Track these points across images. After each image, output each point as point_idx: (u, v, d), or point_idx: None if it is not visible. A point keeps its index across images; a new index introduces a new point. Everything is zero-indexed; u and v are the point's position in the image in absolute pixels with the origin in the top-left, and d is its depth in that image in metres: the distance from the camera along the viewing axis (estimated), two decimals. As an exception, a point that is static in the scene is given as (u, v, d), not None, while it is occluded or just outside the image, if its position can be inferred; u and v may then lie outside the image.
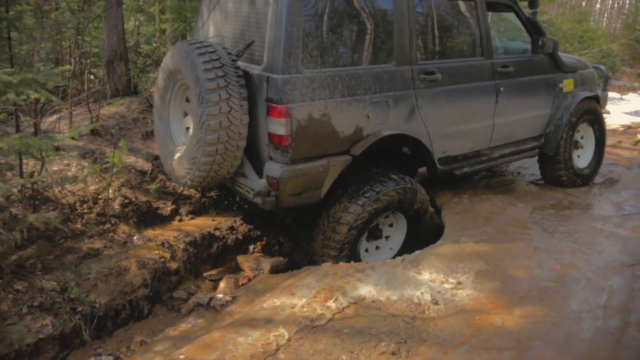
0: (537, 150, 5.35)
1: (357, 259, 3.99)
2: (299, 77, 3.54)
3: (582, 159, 5.84)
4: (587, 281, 3.44)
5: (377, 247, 4.28)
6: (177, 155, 4.10)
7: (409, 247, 4.24)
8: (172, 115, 4.24)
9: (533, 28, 5.12)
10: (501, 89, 4.74)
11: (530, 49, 5.17)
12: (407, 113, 4.08)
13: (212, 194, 5.24)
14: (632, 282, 3.42)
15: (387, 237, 4.30)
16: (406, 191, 4.05)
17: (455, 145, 4.58)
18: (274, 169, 3.63)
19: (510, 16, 5.23)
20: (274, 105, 3.53)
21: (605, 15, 36.35)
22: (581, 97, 5.47)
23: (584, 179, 5.73)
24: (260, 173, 3.78)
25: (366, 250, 4.19)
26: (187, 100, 4.15)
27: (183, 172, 3.98)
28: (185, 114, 4.23)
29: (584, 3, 33.68)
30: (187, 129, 4.22)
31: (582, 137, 5.87)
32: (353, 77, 3.77)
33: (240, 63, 3.79)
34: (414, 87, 4.10)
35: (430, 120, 4.22)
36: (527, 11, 5.24)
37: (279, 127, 3.54)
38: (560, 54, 5.49)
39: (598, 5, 37.00)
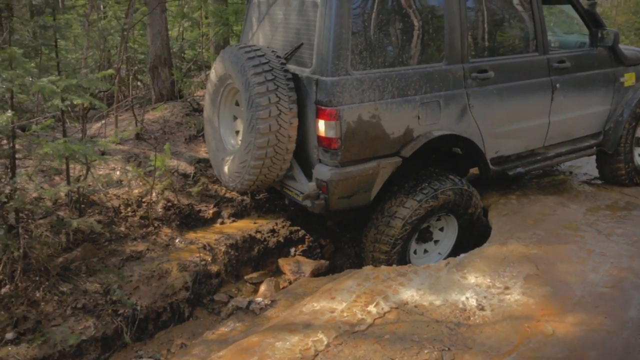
0: (595, 148, 5.10)
1: (406, 259, 3.92)
2: (348, 79, 3.51)
3: None
4: (647, 287, 3.22)
5: (426, 251, 4.18)
6: (227, 159, 4.13)
7: (457, 254, 4.06)
8: (222, 119, 4.28)
9: (591, 20, 4.88)
10: (557, 85, 4.55)
11: (589, 42, 4.93)
12: (458, 113, 3.98)
13: (260, 196, 5.24)
14: (698, 288, 3.18)
15: (436, 242, 4.20)
16: (463, 193, 3.96)
17: (508, 145, 4.44)
18: (323, 171, 3.60)
19: (567, 8, 5.02)
20: (323, 107, 3.51)
21: (665, 5, 34.61)
22: None
23: None
24: (309, 176, 3.76)
25: (414, 252, 4.10)
26: (237, 104, 4.18)
27: (233, 175, 4.01)
28: (235, 118, 4.26)
29: (641, -7, 32.20)
30: (237, 132, 4.26)
31: None
32: (403, 77, 3.71)
33: (289, 66, 3.79)
34: (465, 86, 4.00)
35: (482, 120, 4.11)
36: (585, 2, 4.99)
37: (328, 129, 3.51)
38: (622, 46, 5.20)
39: (656, -5, 35.31)
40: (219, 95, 4.21)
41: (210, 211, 4.98)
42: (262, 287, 4.10)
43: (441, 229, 4.18)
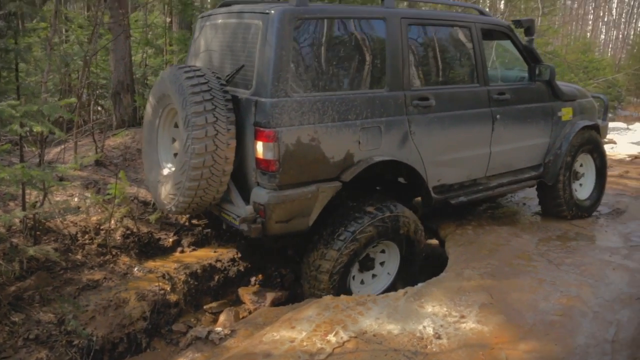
0: (536, 179, 5.24)
1: (348, 293, 3.85)
2: (287, 101, 3.49)
3: (582, 189, 5.70)
4: (594, 314, 3.36)
5: (374, 275, 4.16)
6: (163, 181, 4.03)
7: (406, 269, 4.17)
8: (161, 141, 4.16)
9: (530, 56, 5.06)
10: (497, 116, 4.66)
11: (528, 76, 5.12)
12: (400, 139, 4.01)
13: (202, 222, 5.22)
14: (641, 315, 3.34)
15: (382, 263, 4.18)
16: (385, 221, 3.90)
17: (450, 174, 4.47)
18: (261, 194, 3.53)
19: (507, 44, 5.18)
20: (261, 129, 3.47)
21: (610, 46, 36.61)
22: (580, 126, 5.38)
23: (585, 210, 5.58)
24: (247, 199, 3.69)
25: (362, 282, 4.09)
26: (176, 126, 4.06)
27: (168, 197, 3.89)
28: (174, 140, 4.16)
29: (588, 34, 34.00)
30: (175, 155, 4.12)
31: (582, 167, 5.76)
32: (344, 101, 3.71)
33: (232, 88, 3.77)
34: (407, 113, 4.03)
35: (424, 147, 4.14)
36: (523, 39, 5.18)
37: (266, 151, 3.47)
38: (559, 83, 5.45)
39: (603, 36, 37.33)
40: (157, 117, 4.12)
41: (170, 239, 4.94)
42: (222, 317, 4.06)
43: (383, 251, 4.16)
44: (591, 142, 5.56)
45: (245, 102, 3.63)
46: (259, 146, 3.50)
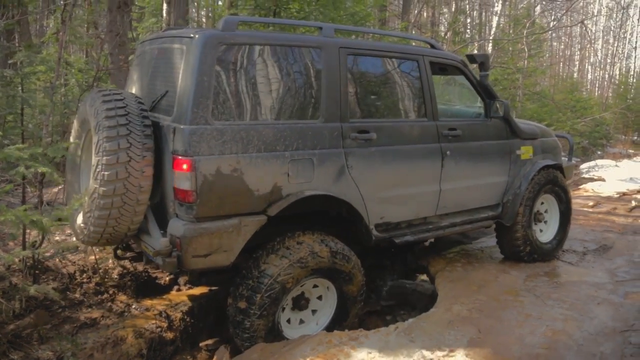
0: (493, 220, 5.04)
1: (278, 329, 3.73)
2: (207, 129, 3.31)
3: (545, 232, 5.51)
4: (579, 347, 3.47)
5: (302, 321, 3.95)
6: (79, 209, 3.78)
7: (343, 317, 3.95)
8: (83, 168, 4.00)
9: (484, 91, 4.91)
10: (447, 152, 4.45)
11: (483, 113, 4.96)
12: (335, 173, 3.80)
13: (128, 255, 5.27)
14: (624, 347, 3.45)
15: (313, 311, 3.96)
16: (335, 255, 3.75)
17: (395, 211, 4.25)
18: (177, 226, 3.33)
19: (462, 79, 5.03)
20: (178, 157, 3.29)
21: (597, 85, 37.48)
22: (541, 165, 5.21)
23: (545, 254, 5.38)
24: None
25: (288, 321, 3.88)
26: None
27: (80, 227, 3.70)
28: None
29: (575, 74, 34.87)
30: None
31: (545, 210, 5.56)
32: (271, 131, 3.53)
33: (155, 114, 3.64)
34: (343, 146, 3.84)
35: (363, 182, 3.93)
36: (477, 74, 5.02)
37: (183, 181, 3.28)
38: (519, 121, 5.39)
39: (590, 76, 38.25)
40: (80, 142, 3.97)
41: (167, 278, 5.03)
42: (217, 355, 4.13)
43: (319, 298, 3.96)
44: (554, 182, 5.38)
45: (165, 129, 3.46)
46: (177, 176, 3.32)
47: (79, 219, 3.76)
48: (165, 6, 8.12)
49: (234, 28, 3.53)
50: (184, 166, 3.25)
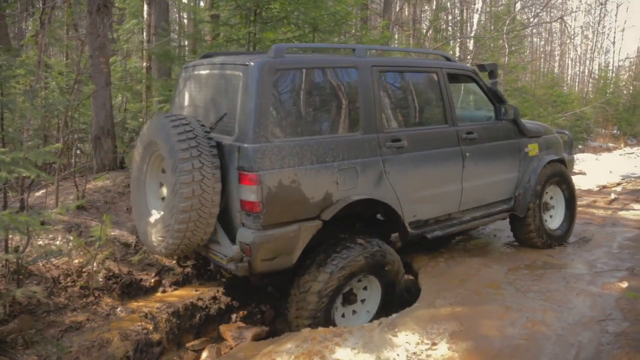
0: (507, 212, 5.50)
1: (333, 325, 3.98)
2: (268, 146, 3.69)
3: (553, 220, 6.00)
4: (557, 337, 3.55)
5: (354, 312, 4.29)
6: (152, 224, 4.16)
7: (387, 309, 4.29)
8: (149, 186, 4.33)
9: (494, 97, 5.40)
10: (467, 154, 4.91)
11: (494, 116, 5.43)
12: (375, 179, 4.22)
13: (189, 263, 5.34)
14: (601, 336, 3.54)
15: (362, 301, 4.32)
16: (374, 255, 4.11)
17: (425, 209, 4.69)
18: (246, 234, 3.70)
19: (473, 86, 5.52)
20: (245, 173, 3.66)
21: (577, 80, 37.98)
22: (547, 160, 5.70)
23: (557, 239, 5.86)
24: (233, 239, 3.85)
25: (342, 316, 4.20)
26: (163, 171, 4.25)
27: (157, 240, 4.05)
28: (161, 185, 4.32)
29: (556, 69, 35.29)
30: (163, 199, 4.28)
31: (551, 199, 6.06)
32: (321, 145, 3.93)
33: (215, 135, 3.96)
34: (381, 154, 4.26)
35: (398, 185, 4.35)
36: (488, 81, 5.54)
37: (250, 194, 3.65)
38: (525, 121, 5.80)
39: (570, 71, 38.74)
40: (145, 163, 4.29)
41: (152, 280, 5.04)
42: (204, 354, 4.16)
43: (365, 288, 4.31)
44: (559, 174, 5.89)
45: (228, 148, 3.82)
46: (243, 189, 3.69)
47: (154, 232, 4.11)
48: (145, 7, 8.11)
49: (283, 55, 3.92)
50: (251, 180, 3.63)
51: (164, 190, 4.25)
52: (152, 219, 4.20)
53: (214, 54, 4.65)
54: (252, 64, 3.79)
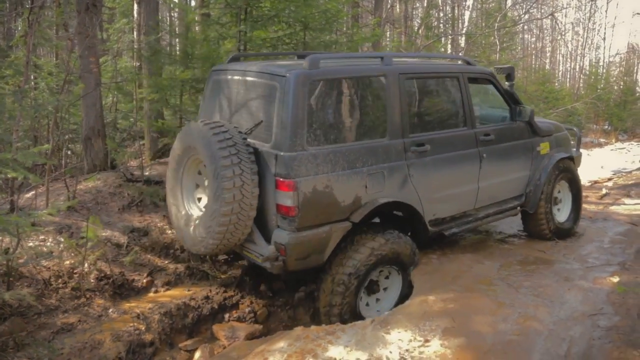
0: (519, 208, 5.71)
1: (358, 313, 4.17)
2: (304, 154, 3.87)
3: (561, 213, 6.21)
4: (549, 332, 3.57)
5: (378, 300, 4.46)
6: (190, 224, 4.38)
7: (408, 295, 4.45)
8: (185, 187, 4.54)
9: (511, 98, 5.57)
10: (484, 155, 5.08)
11: (509, 117, 5.60)
12: (400, 182, 4.40)
13: (193, 264, 5.32)
14: (592, 331, 3.56)
15: (385, 289, 4.49)
16: (395, 245, 4.30)
17: (444, 208, 4.88)
18: (282, 236, 3.90)
19: (490, 87, 5.66)
20: (282, 179, 3.85)
21: (568, 76, 38.13)
22: (557, 159, 5.89)
23: (565, 231, 6.09)
24: (268, 240, 4.05)
25: (367, 305, 4.37)
26: (199, 173, 4.49)
27: (197, 240, 4.25)
28: (197, 186, 4.54)
29: (547, 66, 35.42)
30: (199, 199, 4.53)
31: (559, 193, 6.24)
32: (352, 151, 4.11)
33: (250, 140, 4.13)
34: (406, 158, 4.44)
35: (421, 187, 4.53)
36: (504, 83, 5.72)
37: (286, 199, 3.84)
38: (537, 119, 5.93)
39: (561, 67, 38.89)
40: (182, 166, 4.49)
41: (144, 280, 5.02)
42: (197, 354, 4.15)
43: (387, 277, 4.50)
44: (567, 171, 6.10)
45: (265, 155, 4.00)
46: (280, 194, 3.89)
47: (192, 232, 4.32)
48: (135, 7, 8.06)
49: (318, 65, 4.05)
50: (288, 187, 3.82)
51: (200, 191, 4.51)
52: (189, 219, 4.42)
53: (240, 56, 4.90)
54: (288, 75, 3.94)
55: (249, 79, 4.42)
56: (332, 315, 4.08)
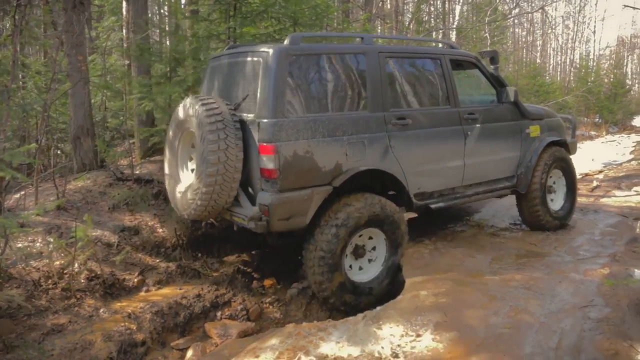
0: (510, 189, 5.85)
1: (345, 276, 4.44)
2: (284, 121, 4.17)
3: (555, 202, 6.30)
4: (540, 325, 3.57)
5: (370, 260, 4.71)
6: (183, 191, 4.69)
7: (395, 254, 4.73)
8: (180, 160, 4.90)
9: (496, 81, 5.77)
10: (469, 133, 5.30)
11: (496, 99, 5.78)
12: (381, 152, 4.64)
13: (185, 262, 5.29)
14: (583, 323, 3.56)
15: (374, 248, 4.73)
16: (373, 207, 4.50)
17: (429, 183, 5.07)
18: (265, 197, 4.18)
19: (476, 72, 5.86)
20: (264, 144, 4.15)
21: (559, 69, 38.26)
22: (548, 141, 6.03)
23: (560, 219, 6.18)
24: (254, 203, 4.31)
25: (360, 268, 4.64)
26: (193, 146, 4.73)
27: (187, 202, 4.56)
28: (191, 159, 4.83)
29: (538, 59, 35.51)
30: (192, 170, 4.77)
31: (554, 183, 6.35)
32: (332, 121, 4.39)
33: (239, 113, 4.44)
34: (387, 130, 4.69)
35: (403, 159, 4.76)
36: (489, 67, 5.87)
37: (269, 162, 4.14)
38: (527, 105, 6.12)
39: (552, 61, 39.01)
40: (177, 139, 4.84)
41: (135, 279, 4.99)
42: (189, 353, 4.12)
43: (373, 249, 4.72)
44: (561, 159, 6.21)
45: (250, 124, 4.33)
46: (263, 159, 4.18)
47: (184, 198, 4.65)
48: (124, 4, 7.99)
49: (299, 42, 4.41)
50: (269, 150, 4.12)
51: (193, 164, 4.73)
52: (183, 187, 4.74)
53: (238, 46, 5.17)
54: (270, 50, 4.28)
55: (239, 59, 4.74)
56: (318, 278, 4.32)
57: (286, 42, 4.38)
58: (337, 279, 4.34)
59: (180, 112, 4.69)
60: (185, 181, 4.78)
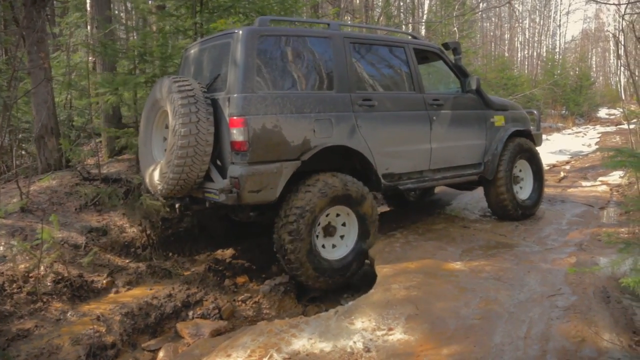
0: (477, 175, 6.12)
1: (316, 250, 4.67)
2: (253, 96, 4.41)
3: (522, 191, 6.54)
4: (510, 315, 3.62)
5: (342, 236, 4.99)
6: (156, 168, 4.83)
7: (364, 232, 4.99)
8: (154, 139, 5.07)
9: (459, 71, 6.10)
10: (434, 117, 5.58)
11: (460, 89, 6.10)
12: (348, 130, 4.91)
13: (156, 262, 5.21)
14: (550, 311, 3.62)
15: (344, 224, 4.98)
16: (338, 186, 4.73)
17: (397, 164, 5.32)
18: (235, 169, 4.37)
19: (440, 64, 6.16)
20: (234, 117, 4.36)
21: (527, 63, 38.89)
22: (512, 130, 6.33)
23: (527, 209, 6.41)
24: (225, 178, 4.47)
25: (333, 246, 4.92)
26: (166, 127, 4.89)
27: (159, 178, 4.69)
28: (165, 139, 4.97)
29: (506, 53, 36.03)
30: (165, 150, 4.83)
31: (520, 172, 6.55)
32: (299, 98, 4.65)
33: (211, 94, 4.64)
34: (353, 110, 4.97)
35: (370, 139, 5.03)
36: (452, 58, 6.15)
37: (238, 135, 4.33)
38: (492, 97, 6.44)
39: (519, 54, 39.63)
40: (152, 119, 5.02)
41: (104, 281, 4.90)
42: (161, 354, 4.06)
43: (343, 225, 4.98)
44: (527, 150, 6.47)
45: (221, 101, 4.52)
46: (233, 131, 4.37)
47: (156, 174, 4.77)
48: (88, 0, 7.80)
49: (267, 24, 4.73)
50: (239, 123, 4.33)
51: (168, 145, 4.75)
52: (155, 165, 4.89)
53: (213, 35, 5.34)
54: (240, 31, 4.54)
55: (209, 44, 5.04)
56: (289, 258, 4.52)
57: (255, 23, 4.69)
58: (306, 254, 4.53)
59: (155, 91, 4.84)
60: (158, 159, 4.92)
